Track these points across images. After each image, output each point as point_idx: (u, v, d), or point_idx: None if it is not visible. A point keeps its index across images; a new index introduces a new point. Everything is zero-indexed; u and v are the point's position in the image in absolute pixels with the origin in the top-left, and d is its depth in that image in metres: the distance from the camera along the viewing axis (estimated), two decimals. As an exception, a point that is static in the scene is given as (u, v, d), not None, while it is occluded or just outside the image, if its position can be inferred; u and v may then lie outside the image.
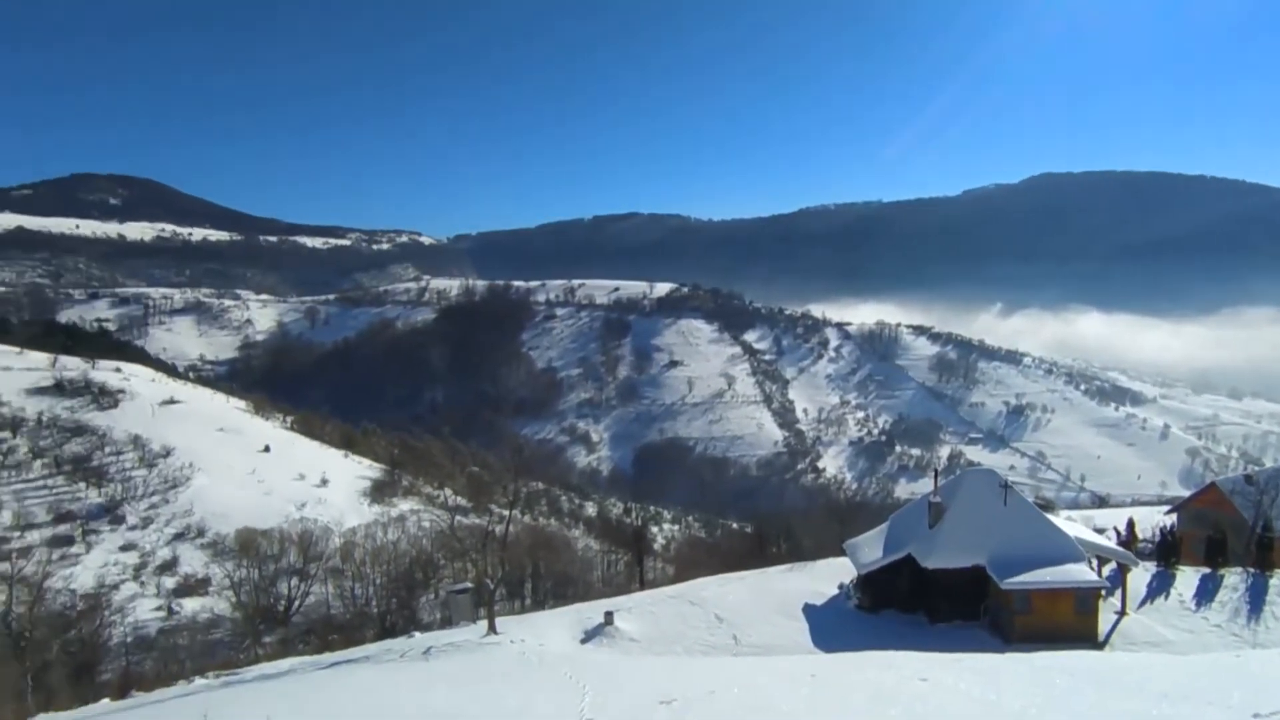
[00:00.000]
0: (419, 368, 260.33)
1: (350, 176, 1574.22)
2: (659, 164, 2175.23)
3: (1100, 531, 34.26)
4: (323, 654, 33.56)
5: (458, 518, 35.10)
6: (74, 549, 67.22)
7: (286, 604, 55.49)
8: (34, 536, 67.62)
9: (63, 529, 70.85)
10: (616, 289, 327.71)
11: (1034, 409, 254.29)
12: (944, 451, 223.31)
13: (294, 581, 57.12)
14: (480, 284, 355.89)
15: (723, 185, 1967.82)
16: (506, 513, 32.14)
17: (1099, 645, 24.09)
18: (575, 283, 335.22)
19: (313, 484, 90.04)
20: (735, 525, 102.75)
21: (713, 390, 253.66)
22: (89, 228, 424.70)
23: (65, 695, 30.05)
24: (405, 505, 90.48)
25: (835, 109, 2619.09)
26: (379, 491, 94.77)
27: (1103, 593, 25.53)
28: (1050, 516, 29.55)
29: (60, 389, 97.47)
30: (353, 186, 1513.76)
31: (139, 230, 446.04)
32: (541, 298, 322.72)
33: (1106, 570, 27.52)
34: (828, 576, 32.00)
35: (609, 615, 27.77)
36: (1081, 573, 25.20)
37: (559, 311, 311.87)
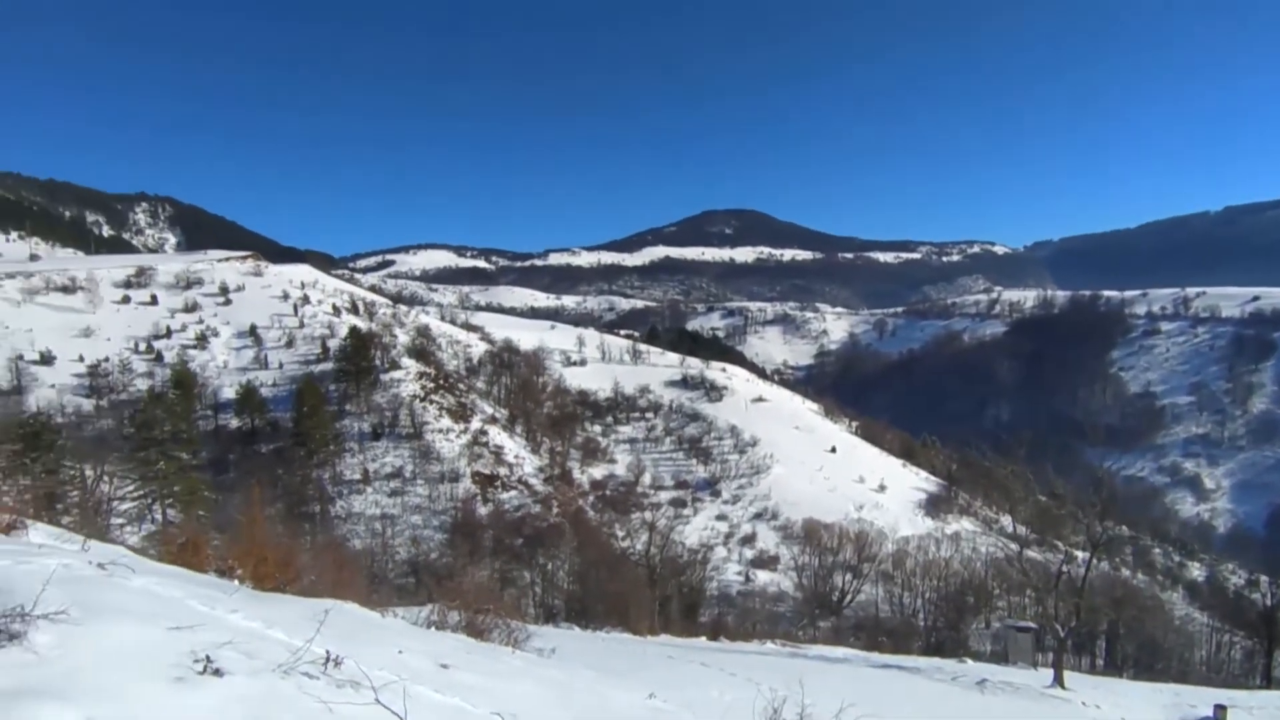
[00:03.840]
0: (983, 382, 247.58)
1: (923, 191, 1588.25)
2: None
3: None
4: (871, 652, 35.08)
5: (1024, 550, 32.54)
6: (685, 511, 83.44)
7: (840, 596, 59.78)
8: (663, 496, 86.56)
9: (680, 494, 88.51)
10: (1255, 298, 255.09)
11: None
12: None
13: (848, 577, 61.22)
14: (1060, 294, 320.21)
15: None
16: (1084, 554, 28.44)
17: None
18: (1191, 291, 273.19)
19: (871, 488, 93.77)
20: None
21: None
22: (710, 254, 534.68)
23: (677, 625, 38.13)
24: (960, 524, 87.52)
25: None
26: (934, 505, 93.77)
27: None
28: None
29: (685, 383, 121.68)
30: (925, 201, 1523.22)
31: (744, 254, 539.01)
32: (1141, 310, 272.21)
33: None
34: None
35: (1220, 710, 22.19)
36: None
37: (1165, 326, 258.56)
